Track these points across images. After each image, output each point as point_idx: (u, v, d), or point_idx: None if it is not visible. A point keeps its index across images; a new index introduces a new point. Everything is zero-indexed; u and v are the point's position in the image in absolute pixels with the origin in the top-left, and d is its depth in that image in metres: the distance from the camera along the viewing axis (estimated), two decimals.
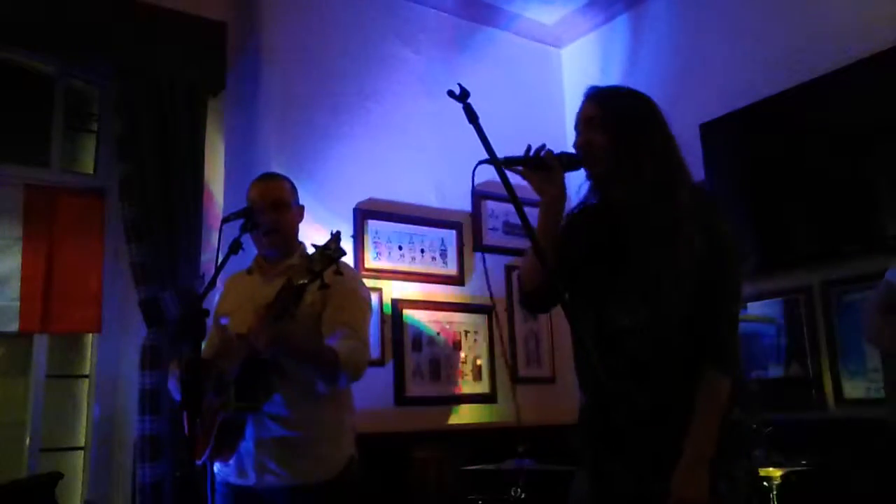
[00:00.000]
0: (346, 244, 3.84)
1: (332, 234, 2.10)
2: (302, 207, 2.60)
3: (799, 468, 2.98)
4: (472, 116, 1.76)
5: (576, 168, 1.91)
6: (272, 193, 2.48)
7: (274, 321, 2.09)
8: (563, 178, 1.86)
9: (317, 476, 2.30)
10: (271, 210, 2.45)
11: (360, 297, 2.45)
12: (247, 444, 2.30)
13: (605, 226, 1.87)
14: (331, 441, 2.36)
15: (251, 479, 2.30)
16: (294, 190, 2.59)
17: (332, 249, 2.05)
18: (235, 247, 2.23)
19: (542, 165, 1.84)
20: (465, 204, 4.32)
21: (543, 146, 1.89)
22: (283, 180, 2.57)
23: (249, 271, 2.56)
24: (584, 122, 1.91)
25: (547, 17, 4.83)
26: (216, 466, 2.36)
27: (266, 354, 2.17)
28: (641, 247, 1.77)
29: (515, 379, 4.32)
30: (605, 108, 1.91)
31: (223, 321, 2.45)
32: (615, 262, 1.81)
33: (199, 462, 2.29)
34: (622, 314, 1.78)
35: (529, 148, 1.88)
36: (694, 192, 1.83)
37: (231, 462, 2.33)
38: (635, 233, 1.79)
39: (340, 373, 2.22)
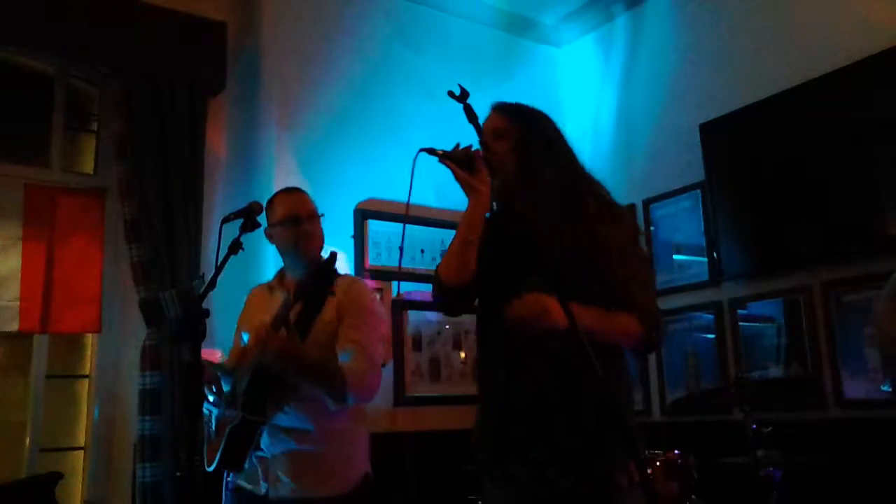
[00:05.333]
0: (346, 246, 3.87)
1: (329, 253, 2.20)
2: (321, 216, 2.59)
3: (799, 468, 2.98)
4: (471, 116, 1.77)
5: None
6: (306, 206, 2.49)
7: (275, 333, 2.11)
8: (489, 181, 1.87)
9: (329, 491, 2.29)
10: (308, 220, 2.45)
11: (374, 315, 2.44)
12: (261, 455, 2.31)
13: (511, 232, 1.88)
14: (345, 457, 2.36)
15: (263, 489, 2.31)
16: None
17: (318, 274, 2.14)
18: (235, 247, 2.22)
19: (472, 165, 1.85)
20: (465, 204, 4.30)
21: (471, 146, 1.90)
22: (306, 194, 2.56)
23: (270, 287, 2.55)
24: (490, 133, 1.92)
25: (547, 17, 4.83)
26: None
27: (273, 370, 2.18)
28: (549, 251, 1.76)
29: None
30: (510, 119, 1.94)
31: (244, 335, 2.46)
32: (526, 265, 1.81)
33: (209, 469, 2.30)
34: None
35: (458, 145, 1.89)
36: (598, 197, 1.91)
37: (245, 469, 2.34)
38: (541, 238, 1.78)
39: (348, 394, 2.22)
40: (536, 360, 1.80)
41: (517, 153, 1.89)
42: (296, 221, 2.44)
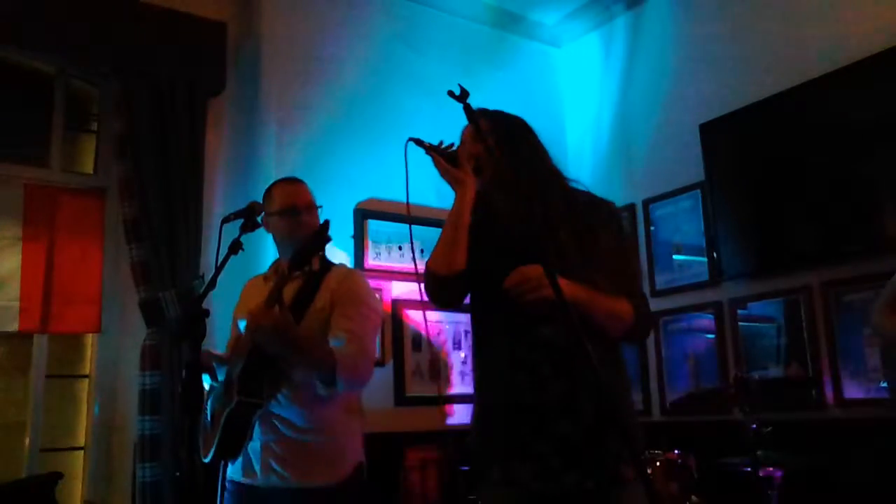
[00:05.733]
0: (346, 246, 3.87)
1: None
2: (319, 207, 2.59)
3: (799, 468, 2.98)
4: (471, 116, 1.77)
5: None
6: (304, 196, 2.49)
7: (269, 309, 2.11)
8: (473, 175, 1.92)
9: (322, 480, 2.29)
10: (307, 212, 2.46)
11: (368, 305, 2.43)
12: (254, 445, 2.31)
13: (494, 230, 1.93)
14: (338, 446, 2.35)
15: (257, 479, 2.31)
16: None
17: (316, 241, 2.15)
18: (235, 247, 2.23)
19: (455, 159, 1.91)
20: None
21: (453, 144, 1.97)
22: (305, 183, 2.56)
23: (266, 277, 2.55)
24: (470, 136, 1.98)
25: (547, 17, 4.83)
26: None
27: (268, 348, 2.17)
28: (530, 245, 1.77)
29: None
30: (488, 124, 1.95)
31: (240, 323, 2.46)
32: (510, 259, 1.82)
33: (205, 460, 2.30)
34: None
35: (442, 142, 1.95)
36: (566, 192, 1.96)
37: (238, 460, 2.34)
38: (521, 234, 1.81)
39: (337, 377, 2.22)
40: (533, 352, 1.81)
41: (494, 154, 1.92)
42: (293, 212, 2.44)
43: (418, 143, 1.92)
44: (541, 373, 1.80)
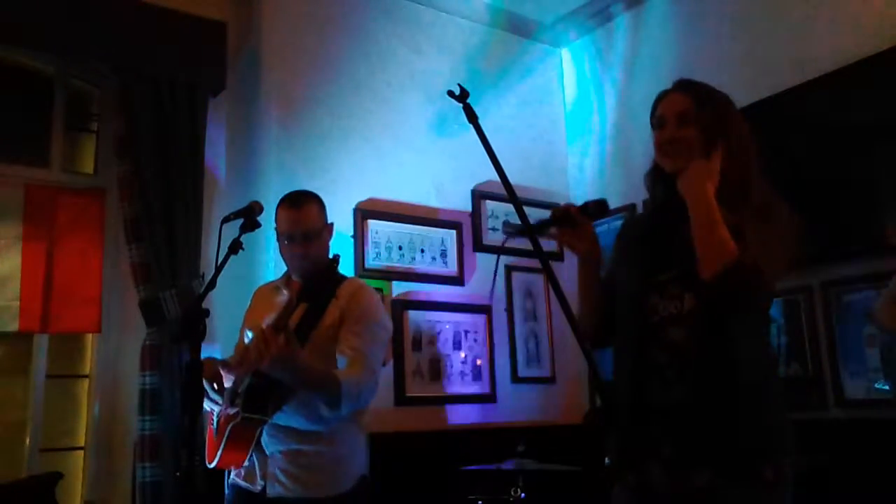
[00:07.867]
0: (346, 246, 3.87)
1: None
2: (331, 226, 2.54)
3: (799, 468, 2.98)
4: (471, 116, 1.78)
5: (604, 214, 1.88)
6: (303, 224, 2.43)
7: (275, 338, 2.11)
8: (592, 231, 1.88)
9: (325, 491, 2.30)
10: (302, 241, 2.43)
11: (376, 322, 2.43)
12: (260, 454, 2.31)
13: (655, 222, 1.92)
14: (343, 458, 2.36)
15: (259, 487, 2.31)
16: (323, 210, 2.52)
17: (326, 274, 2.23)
18: (235, 247, 2.22)
19: (569, 221, 1.84)
20: (465, 204, 4.32)
21: (570, 205, 1.90)
22: (313, 205, 2.49)
23: (276, 287, 2.55)
24: (675, 116, 1.85)
25: (547, 17, 4.83)
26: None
27: (269, 374, 2.17)
28: (689, 238, 1.74)
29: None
30: (699, 102, 1.84)
31: (248, 332, 2.46)
32: (659, 253, 1.84)
33: (209, 466, 2.31)
34: (665, 302, 1.80)
35: (546, 221, 1.89)
36: (763, 191, 1.83)
37: (244, 467, 2.34)
38: (686, 226, 1.76)
39: (342, 402, 2.21)
40: (662, 354, 1.80)
41: (702, 144, 1.81)
42: (290, 239, 2.44)
43: (517, 231, 1.79)
44: (667, 375, 1.78)
